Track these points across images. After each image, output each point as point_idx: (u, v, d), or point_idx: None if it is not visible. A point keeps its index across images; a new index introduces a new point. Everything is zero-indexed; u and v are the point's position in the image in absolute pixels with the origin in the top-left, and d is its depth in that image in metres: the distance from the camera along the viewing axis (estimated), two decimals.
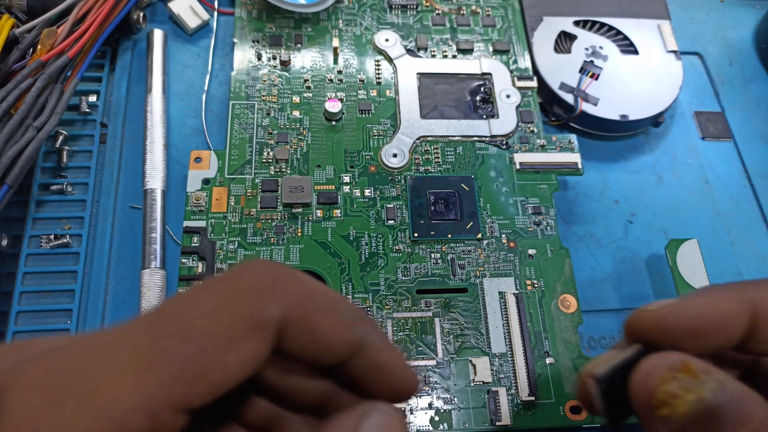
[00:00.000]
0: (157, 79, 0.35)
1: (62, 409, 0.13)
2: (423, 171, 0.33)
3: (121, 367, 0.13)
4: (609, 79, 0.36)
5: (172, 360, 0.13)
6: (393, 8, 0.38)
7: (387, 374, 0.17)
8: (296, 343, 0.16)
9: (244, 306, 0.14)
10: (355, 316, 0.17)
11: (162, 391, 0.13)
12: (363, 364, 0.17)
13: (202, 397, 0.14)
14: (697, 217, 0.35)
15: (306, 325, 0.15)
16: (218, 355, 0.14)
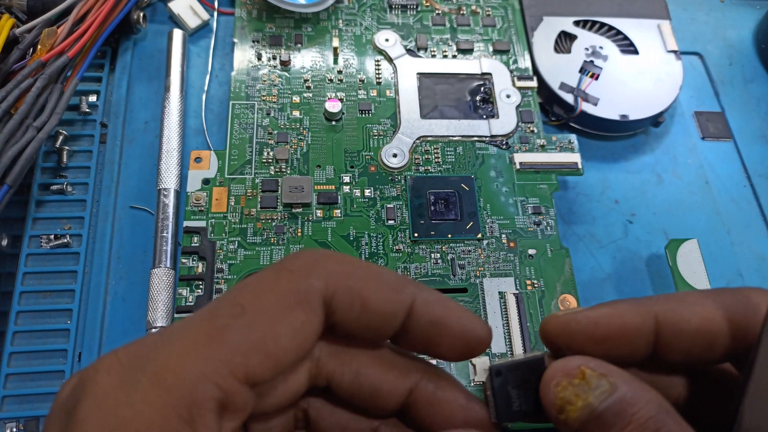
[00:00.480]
0: (176, 78, 0.35)
1: (137, 387, 0.14)
2: (423, 171, 0.33)
3: (185, 346, 0.14)
4: (609, 79, 0.36)
5: (228, 335, 0.15)
6: (393, 8, 0.38)
7: (449, 327, 0.17)
8: (349, 314, 0.16)
9: (288, 283, 0.16)
10: (401, 279, 0.17)
11: (223, 363, 0.14)
12: (421, 323, 0.17)
13: (261, 368, 0.15)
14: (697, 217, 0.35)
15: (352, 293, 0.16)
16: (269, 326, 0.15)
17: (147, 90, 0.35)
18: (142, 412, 0.13)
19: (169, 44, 0.36)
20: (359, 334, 0.17)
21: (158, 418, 0.13)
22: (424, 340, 0.18)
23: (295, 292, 0.16)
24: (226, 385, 0.14)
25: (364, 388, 0.18)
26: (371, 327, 0.17)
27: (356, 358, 0.18)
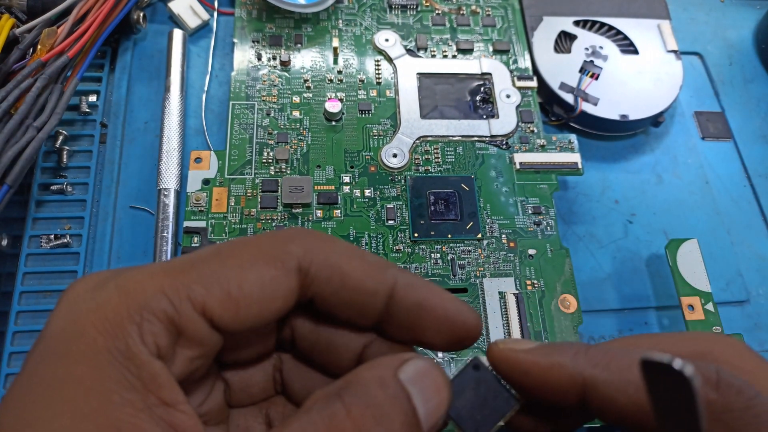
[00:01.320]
0: (176, 78, 0.35)
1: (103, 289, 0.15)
2: (423, 171, 0.33)
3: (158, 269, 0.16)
4: (609, 79, 0.36)
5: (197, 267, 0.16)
6: (393, 8, 0.38)
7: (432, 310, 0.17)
8: (327, 288, 0.17)
9: (267, 242, 0.16)
10: (383, 261, 0.18)
11: (183, 286, 0.15)
12: (404, 306, 0.17)
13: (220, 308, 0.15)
14: (697, 217, 0.35)
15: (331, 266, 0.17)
16: (237, 269, 0.16)
17: (147, 90, 0.35)
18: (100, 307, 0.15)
19: (169, 44, 0.36)
20: (341, 312, 0.18)
21: (111, 314, 0.15)
22: (409, 325, 0.18)
23: (271, 251, 0.16)
24: (180, 307, 0.15)
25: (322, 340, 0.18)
26: (352, 305, 0.17)
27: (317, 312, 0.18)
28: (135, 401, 0.14)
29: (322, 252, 0.17)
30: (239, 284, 0.16)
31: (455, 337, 0.18)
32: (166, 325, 0.15)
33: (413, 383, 0.15)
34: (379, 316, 0.18)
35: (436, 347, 0.18)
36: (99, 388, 0.14)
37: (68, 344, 0.15)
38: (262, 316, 0.16)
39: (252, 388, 0.19)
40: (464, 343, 0.18)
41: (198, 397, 0.18)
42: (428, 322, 0.17)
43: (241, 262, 0.16)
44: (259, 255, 0.16)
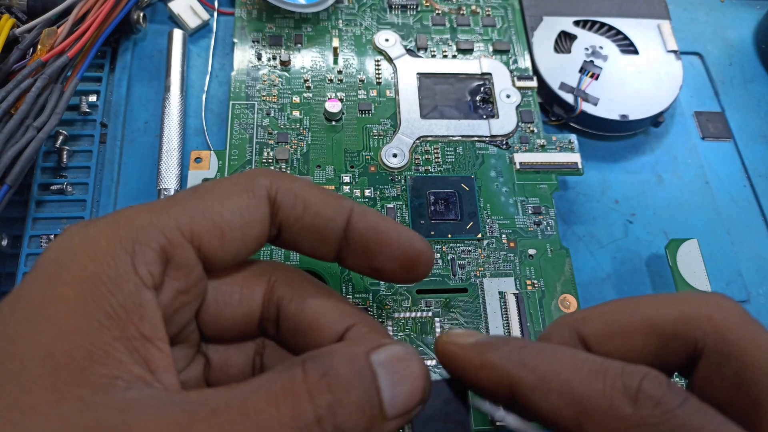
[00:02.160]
0: (176, 78, 0.35)
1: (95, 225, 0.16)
2: (423, 171, 0.33)
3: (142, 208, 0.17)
4: (609, 79, 0.36)
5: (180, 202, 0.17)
6: (393, 8, 0.38)
7: (385, 234, 0.19)
8: (292, 212, 0.19)
9: (236, 177, 0.18)
10: (341, 196, 0.20)
11: (171, 218, 0.16)
12: (359, 230, 0.19)
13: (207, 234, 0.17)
14: (697, 217, 0.35)
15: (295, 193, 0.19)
16: (215, 201, 0.17)
17: (147, 90, 0.35)
18: (93, 237, 0.16)
19: (169, 44, 0.36)
20: (305, 240, 0.19)
21: (105, 244, 0.15)
22: (364, 250, 0.19)
23: (242, 183, 0.18)
24: (171, 235, 0.16)
25: (306, 320, 0.19)
26: (314, 229, 0.19)
27: (305, 290, 0.20)
28: (113, 329, 0.14)
29: (286, 182, 0.19)
30: (220, 212, 0.17)
31: (407, 262, 0.19)
32: (158, 254, 0.16)
33: (384, 365, 0.15)
34: (338, 243, 0.19)
35: (391, 274, 0.20)
36: (81, 310, 0.14)
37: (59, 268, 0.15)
38: (244, 243, 0.18)
39: (231, 368, 0.20)
40: (418, 271, 0.19)
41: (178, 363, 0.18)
42: (382, 246, 0.19)
43: (218, 195, 0.18)
44: (232, 188, 0.18)
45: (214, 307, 0.19)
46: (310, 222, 0.19)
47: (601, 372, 0.15)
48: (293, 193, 0.19)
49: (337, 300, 0.20)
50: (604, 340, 0.17)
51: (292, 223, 0.19)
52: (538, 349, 0.16)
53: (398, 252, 0.19)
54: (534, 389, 0.15)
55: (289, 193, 0.19)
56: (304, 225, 0.19)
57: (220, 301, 0.19)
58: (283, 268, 0.20)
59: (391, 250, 0.19)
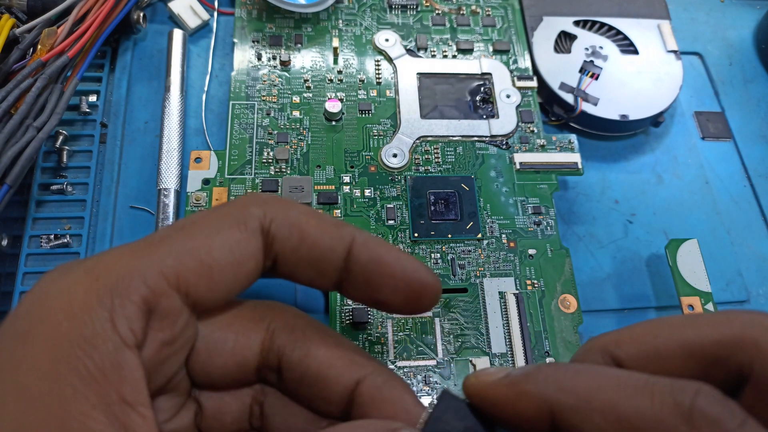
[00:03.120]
0: (176, 78, 0.35)
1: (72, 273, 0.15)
2: (423, 171, 0.33)
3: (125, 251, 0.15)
4: (609, 79, 0.36)
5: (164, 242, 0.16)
6: (393, 8, 0.38)
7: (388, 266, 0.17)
8: (287, 244, 0.17)
9: (227, 209, 0.17)
10: (340, 221, 0.18)
11: (154, 262, 0.15)
12: (361, 261, 0.18)
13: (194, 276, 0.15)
14: (697, 217, 0.35)
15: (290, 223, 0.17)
16: (203, 238, 0.16)
17: (147, 90, 0.35)
18: (68, 290, 0.14)
19: (169, 44, 0.36)
20: (303, 270, 0.18)
21: (82, 298, 0.14)
22: (366, 282, 0.18)
23: (233, 215, 0.17)
24: (154, 283, 0.15)
25: (312, 370, 0.17)
26: (312, 260, 0.17)
27: (309, 338, 0.18)
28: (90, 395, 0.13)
29: (280, 212, 0.17)
30: (209, 251, 0.16)
31: (412, 295, 0.18)
32: (140, 307, 0.14)
33: None
34: (339, 274, 0.18)
35: (395, 307, 0.18)
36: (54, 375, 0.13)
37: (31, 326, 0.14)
38: (236, 281, 0.16)
39: (225, 417, 0.18)
40: (422, 303, 0.18)
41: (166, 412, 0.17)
42: (385, 278, 0.18)
43: (207, 231, 0.16)
44: (222, 222, 0.16)
45: (204, 355, 0.17)
46: (307, 253, 0.17)
47: (648, 388, 0.14)
48: (289, 222, 0.17)
49: (344, 348, 0.18)
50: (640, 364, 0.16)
51: (289, 255, 0.17)
52: (575, 370, 0.15)
53: (402, 285, 0.18)
54: (575, 411, 0.14)
55: (285, 223, 0.17)
56: (302, 257, 0.17)
57: (212, 349, 0.17)
58: (283, 313, 0.18)
59: (395, 282, 0.18)
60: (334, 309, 0.28)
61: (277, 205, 0.17)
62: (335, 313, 0.28)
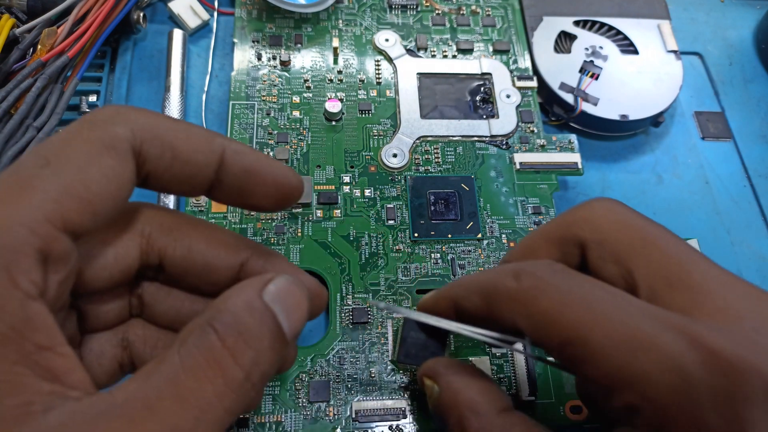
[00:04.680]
0: (176, 78, 0.35)
1: None
2: (423, 171, 0.33)
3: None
4: (609, 79, 0.36)
5: (37, 183, 0.15)
6: (393, 8, 0.38)
7: (261, 176, 0.19)
8: (160, 164, 0.17)
9: (91, 132, 0.16)
10: (210, 132, 0.18)
11: (36, 209, 0.14)
12: (234, 172, 0.18)
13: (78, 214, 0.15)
14: (697, 217, 0.35)
15: (161, 142, 0.17)
16: (77, 172, 0.15)
17: (147, 90, 0.35)
18: None
19: (169, 44, 0.36)
20: (174, 186, 0.18)
21: None
22: (239, 190, 0.19)
23: (101, 140, 0.16)
24: (43, 231, 0.14)
25: (197, 264, 0.19)
26: (184, 177, 0.18)
27: (188, 235, 0.19)
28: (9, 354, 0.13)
29: (149, 129, 0.17)
30: (86, 185, 0.15)
31: (282, 197, 0.19)
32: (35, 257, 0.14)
33: (276, 302, 0.17)
34: (210, 183, 0.18)
35: (264, 209, 0.20)
36: None
37: None
38: (114, 206, 0.16)
39: (107, 314, 0.19)
40: (290, 202, 0.20)
41: None
42: (258, 186, 0.19)
43: (78, 163, 0.15)
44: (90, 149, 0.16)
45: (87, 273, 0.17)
46: (180, 170, 0.17)
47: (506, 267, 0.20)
48: (160, 141, 0.17)
49: (224, 236, 0.19)
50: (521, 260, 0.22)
51: (161, 173, 0.17)
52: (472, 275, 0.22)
53: (273, 190, 0.19)
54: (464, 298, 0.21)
55: (156, 143, 0.17)
56: (174, 174, 0.17)
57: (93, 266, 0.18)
58: (155, 213, 0.19)
59: (267, 189, 0.19)
60: (334, 309, 0.28)
61: (143, 122, 0.17)
62: (335, 313, 0.28)
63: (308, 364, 0.27)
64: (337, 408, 0.26)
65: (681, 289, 0.18)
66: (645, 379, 0.16)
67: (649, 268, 0.18)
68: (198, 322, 0.16)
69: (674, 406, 0.15)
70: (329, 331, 0.28)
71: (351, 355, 0.27)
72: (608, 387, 0.16)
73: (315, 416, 0.26)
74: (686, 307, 0.17)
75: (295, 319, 0.17)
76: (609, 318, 0.17)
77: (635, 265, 0.19)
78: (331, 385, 0.26)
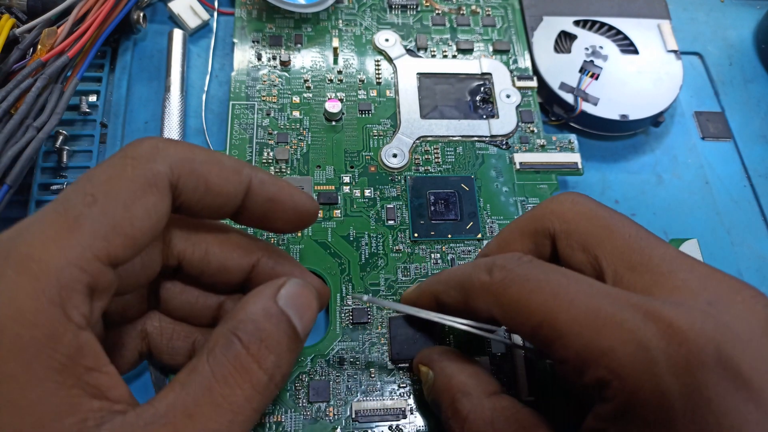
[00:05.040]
0: (176, 78, 0.35)
1: (3, 277, 0.15)
2: (423, 171, 0.33)
3: (45, 235, 0.15)
4: (609, 79, 0.36)
5: (86, 222, 0.16)
6: (393, 8, 0.38)
7: (282, 203, 0.21)
8: (194, 195, 0.18)
9: (134, 170, 0.17)
10: (239, 163, 0.20)
11: (86, 248, 0.15)
12: (258, 201, 0.20)
13: (123, 249, 0.16)
14: (697, 217, 0.35)
15: (196, 176, 0.18)
16: (122, 210, 0.16)
17: (147, 90, 0.35)
18: (13, 299, 0.14)
19: (169, 44, 0.36)
20: (204, 214, 0.20)
21: (30, 303, 0.14)
22: (262, 216, 0.20)
23: (143, 178, 0.17)
24: (92, 268, 0.15)
25: (213, 265, 0.21)
26: (214, 206, 0.19)
27: (205, 240, 0.20)
28: (67, 380, 0.15)
29: (186, 164, 0.18)
30: (131, 222, 0.16)
31: (301, 222, 0.21)
32: (85, 293, 0.15)
33: (290, 306, 0.19)
34: (236, 210, 0.20)
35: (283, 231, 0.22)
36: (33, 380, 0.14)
37: None
38: (153, 236, 0.18)
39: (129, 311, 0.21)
40: (306, 226, 0.22)
41: None
42: (279, 213, 0.21)
43: (124, 200, 0.16)
44: (134, 187, 0.17)
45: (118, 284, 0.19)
46: (211, 201, 0.19)
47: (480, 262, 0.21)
48: (195, 176, 0.18)
49: (237, 238, 0.21)
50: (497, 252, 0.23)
51: (194, 203, 0.19)
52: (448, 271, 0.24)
53: (293, 216, 0.21)
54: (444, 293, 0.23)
55: (191, 177, 0.18)
56: (205, 204, 0.19)
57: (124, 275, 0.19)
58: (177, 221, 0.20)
59: (287, 215, 0.21)
60: (334, 309, 0.28)
61: (180, 157, 0.18)
62: (335, 313, 0.28)
63: (308, 364, 0.27)
64: (337, 408, 0.26)
65: (642, 272, 0.19)
66: (610, 353, 0.17)
67: (613, 254, 0.20)
68: (222, 331, 0.18)
69: (638, 375, 0.16)
70: (329, 331, 0.28)
71: (351, 355, 0.27)
72: (579, 365, 0.18)
73: (315, 416, 0.26)
74: (647, 288, 0.19)
75: (307, 318, 0.19)
76: (573, 301, 0.18)
77: (600, 252, 0.20)
78: (331, 385, 0.26)
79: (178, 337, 0.22)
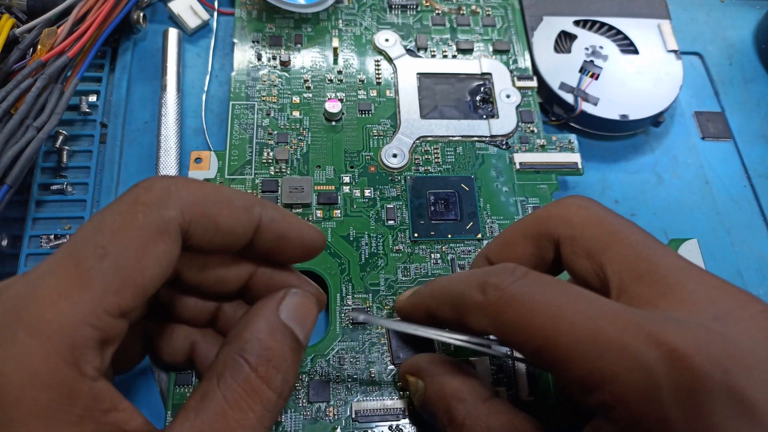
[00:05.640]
0: (172, 77, 0.35)
1: (14, 342, 0.15)
2: (423, 171, 0.33)
3: (55, 293, 0.15)
4: (609, 79, 0.36)
5: (97, 277, 0.16)
6: (393, 8, 0.38)
7: (291, 240, 0.20)
8: (204, 237, 0.18)
9: (145, 218, 0.17)
10: (249, 201, 0.19)
11: (97, 303, 0.15)
12: (268, 238, 0.20)
13: (133, 300, 0.16)
14: (697, 217, 0.35)
15: (207, 219, 0.18)
16: (134, 262, 0.16)
17: (147, 90, 0.35)
18: (27, 363, 0.14)
19: (164, 43, 0.36)
20: (211, 251, 0.19)
21: (44, 366, 0.14)
22: (270, 251, 0.20)
23: (155, 225, 0.17)
24: (103, 324, 0.16)
25: (210, 278, 0.21)
26: (223, 245, 0.19)
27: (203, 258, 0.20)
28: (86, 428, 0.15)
29: (196, 208, 0.18)
30: (142, 272, 0.16)
31: (307, 256, 0.21)
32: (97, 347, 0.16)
33: (292, 318, 0.19)
34: (245, 246, 0.20)
35: (288, 263, 0.22)
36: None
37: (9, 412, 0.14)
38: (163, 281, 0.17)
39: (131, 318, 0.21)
40: (311, 258, 0.22)
41: None
42: (288, 249, 0.21)
43: (134, 251, 0.16)
44: (145, 236, 0.17)
45: None
46: (221, 241, 0.19)
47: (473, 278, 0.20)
48: (205, 219, 0.18)
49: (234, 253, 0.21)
50: (498, 255, 0.23)
51: (204, 245, 0.19)
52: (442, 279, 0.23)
53: (301, 251, 0.21)
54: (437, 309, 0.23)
55: (201, 220, 0.18)
56: (216, 244, 0.19)
57: None
58: None
59: (295, 250, 0.21)
60: (334, 309, 0.28)
61: (191, 200, 0.18)
62: (335, 314, 0.28)
63: (308, 364, 0.27)
64: (337, 408, 0.26)
65: (648, 282, 0.18)
66: (613, 379, 0.16)
67: (618, 263, 0.19)
68: (229, 354, 0.18)
69: (642, 403, 0.16)
70: (329, 331, 0.28)
71: (351, 355, 0.27)
72: (582, 388, 0.17)
73: (315, 416, 0.26)
74: (653, 300, 0.18)
75: (308, 327, 0.20)
76: (572, 323, 0.17)
77: (606, 260, 0.19)
78: (331, 385, 0.26)
79: (177, 337, 0.22)
